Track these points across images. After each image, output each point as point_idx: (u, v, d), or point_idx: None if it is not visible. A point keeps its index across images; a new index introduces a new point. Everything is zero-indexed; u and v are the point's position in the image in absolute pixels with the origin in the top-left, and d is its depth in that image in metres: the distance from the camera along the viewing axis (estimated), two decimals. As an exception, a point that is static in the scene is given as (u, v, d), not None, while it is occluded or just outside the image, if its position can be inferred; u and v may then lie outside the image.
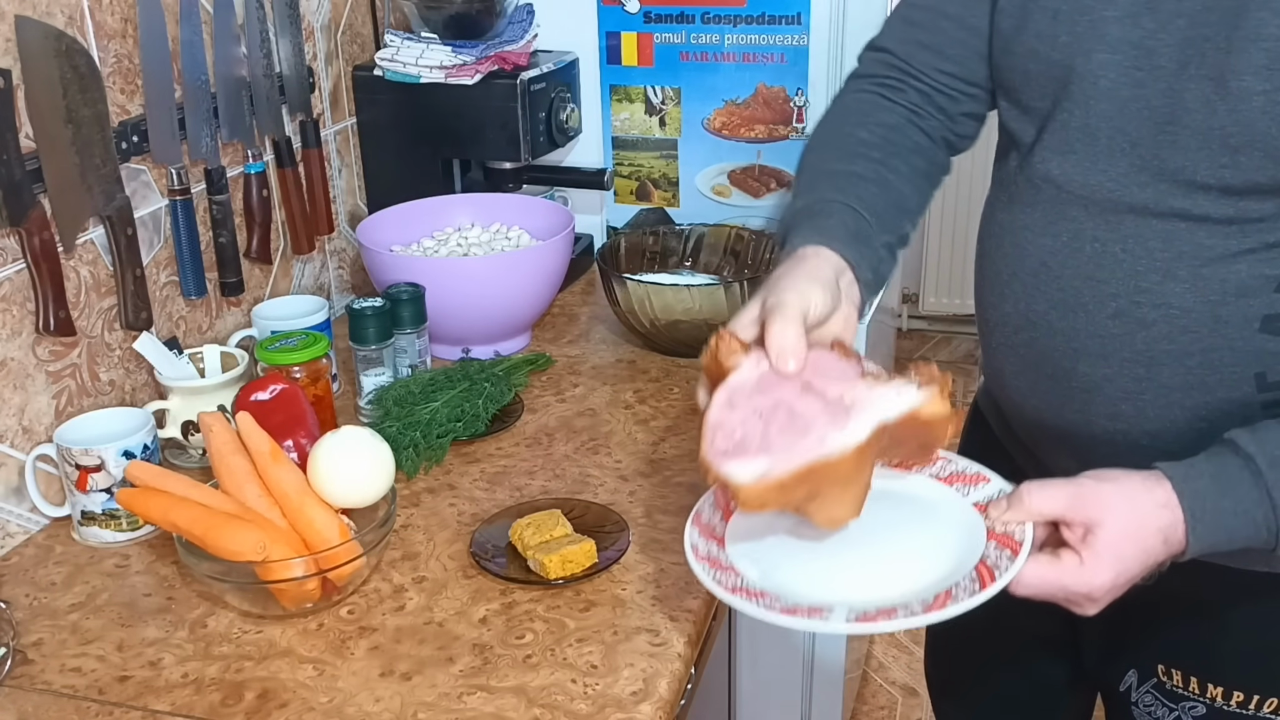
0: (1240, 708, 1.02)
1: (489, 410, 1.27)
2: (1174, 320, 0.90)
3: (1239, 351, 0.89)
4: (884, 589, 0.83)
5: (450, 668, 0.92)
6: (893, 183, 1.01)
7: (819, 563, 0.87)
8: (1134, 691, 1.10)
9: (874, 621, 0.79)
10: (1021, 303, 0.98)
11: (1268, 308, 0.87)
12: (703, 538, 0.88)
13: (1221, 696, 1.03)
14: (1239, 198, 0.85)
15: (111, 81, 1.20)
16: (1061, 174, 0.94)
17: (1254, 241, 0.86)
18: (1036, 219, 0.96)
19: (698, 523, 0.90)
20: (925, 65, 1.06)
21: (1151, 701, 1.09)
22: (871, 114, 1.06)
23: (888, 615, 0.79)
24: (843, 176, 1.00)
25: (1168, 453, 0.90)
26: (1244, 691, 1.02)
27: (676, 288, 1.38)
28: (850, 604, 0.81)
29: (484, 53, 1.56)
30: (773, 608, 0.80)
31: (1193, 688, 1.04)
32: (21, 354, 1.11)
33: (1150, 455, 0.91)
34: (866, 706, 2.31)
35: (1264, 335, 0.88)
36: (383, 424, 1.21)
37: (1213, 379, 0.90)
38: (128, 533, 1.11)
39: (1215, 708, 1.03)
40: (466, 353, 1.43)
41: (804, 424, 0.81)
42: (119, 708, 0.89)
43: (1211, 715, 1.04)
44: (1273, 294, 0.87)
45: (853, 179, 0.99)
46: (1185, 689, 1.05)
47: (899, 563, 0.86)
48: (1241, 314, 0.88)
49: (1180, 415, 0.92)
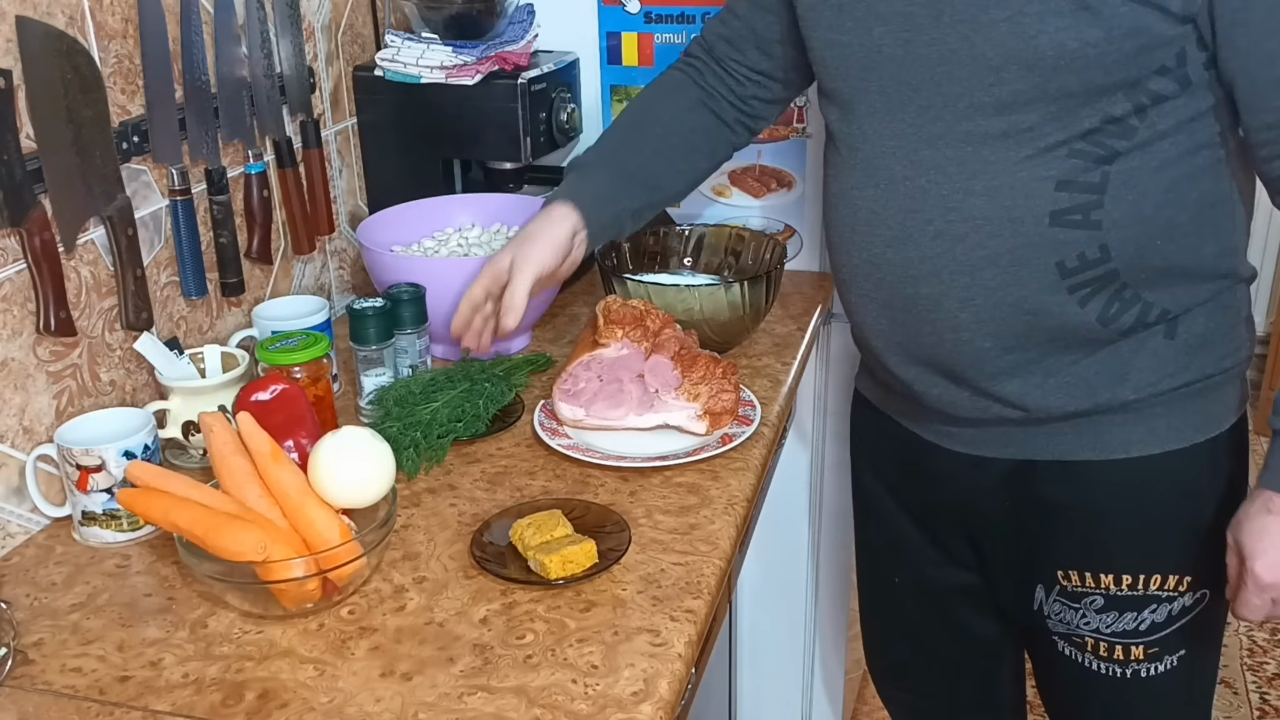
0: (1130, 589, 1.17)
1: (489, 410, 1.27)
2: (980, 229, 1.06)
3: (1037, 246, 1.04)
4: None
5: (451, 668, 0.92)
6: (659, 162, 1.32)
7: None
8: (1045, 605, 1.24)
9: None
10: (864, 251, 1.14)
11: (1052, 204, 1.03)
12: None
13: (1114, 583, 1.18)
14: (1009, 112, 1.02)
15: (112, 82, 1.20)
16: (872, 133, 1.11)
17: (1029, 149, 1.03)
18: (859, 178, 1.14)
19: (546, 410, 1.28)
20: (724, 54, 1.33)
21: (1060, 608, 1.22)
22: (672, 96, 1.35)
23: None
24: (619, 144, 1.33)
25: (1005, 348, 1.10)
26: (1132, 574, 1.17)
27: (677, 288, 1.38)
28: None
29: (484, 53, 1.56)
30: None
31: (1088, 583, 1.19)
32: (22, 354, 1.12)
33: (992, 354, 1.10)
34: (867, 707, 2.31)
35: (1054, 229, 1.04)
36: (383, 424, 1.21)
37: (1024, 273, 1.06)
38: (128, 533, 1.11)
39: (1111, 595, 1.18)
40: (468, 353, 1.43)
41: (620, 400, 1.24)
42: (119, 708, 0.89)
43: (1110, 603, 1.19)
44: (1054, 192, 1.03)
45: (625, 149, 1.32)
46: (1083, 585, 1.19)
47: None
48: (1032, 213, 1.04)
49: (1008, 312, 1.08)
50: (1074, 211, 1.03)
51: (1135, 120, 1.01)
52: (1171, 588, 1.17)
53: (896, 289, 1.13)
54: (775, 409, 1.32)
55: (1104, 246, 1.04)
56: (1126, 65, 0.98)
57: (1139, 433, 1.13)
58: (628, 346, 1.24)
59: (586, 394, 1.24)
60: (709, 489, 1.16)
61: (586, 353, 1.25)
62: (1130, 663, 1.20)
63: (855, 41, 1.10)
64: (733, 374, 1.25)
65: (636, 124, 1.35)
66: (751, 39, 1.30)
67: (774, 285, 1.44)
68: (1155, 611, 1.18)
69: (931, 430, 1.25)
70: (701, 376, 1.24)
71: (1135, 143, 1.02)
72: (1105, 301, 1.06)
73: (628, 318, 1.25)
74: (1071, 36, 0.97)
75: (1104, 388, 1.11)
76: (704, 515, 1.11)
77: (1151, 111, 1.01)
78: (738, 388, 1.26)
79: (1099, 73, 0.98)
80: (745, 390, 1.31)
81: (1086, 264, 1.05)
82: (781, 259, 1.47)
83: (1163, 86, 1.00)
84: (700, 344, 1.32)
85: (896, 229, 1.10)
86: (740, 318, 1.41)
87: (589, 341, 1.26)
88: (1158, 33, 0.97)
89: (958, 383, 1.15)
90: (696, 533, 1.09)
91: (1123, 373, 1.10)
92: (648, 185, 1.32)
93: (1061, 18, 0.97)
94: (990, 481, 1.22)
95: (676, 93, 1.35)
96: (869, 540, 1.46)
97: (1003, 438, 1.18)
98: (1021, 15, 0.98)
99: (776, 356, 1.46)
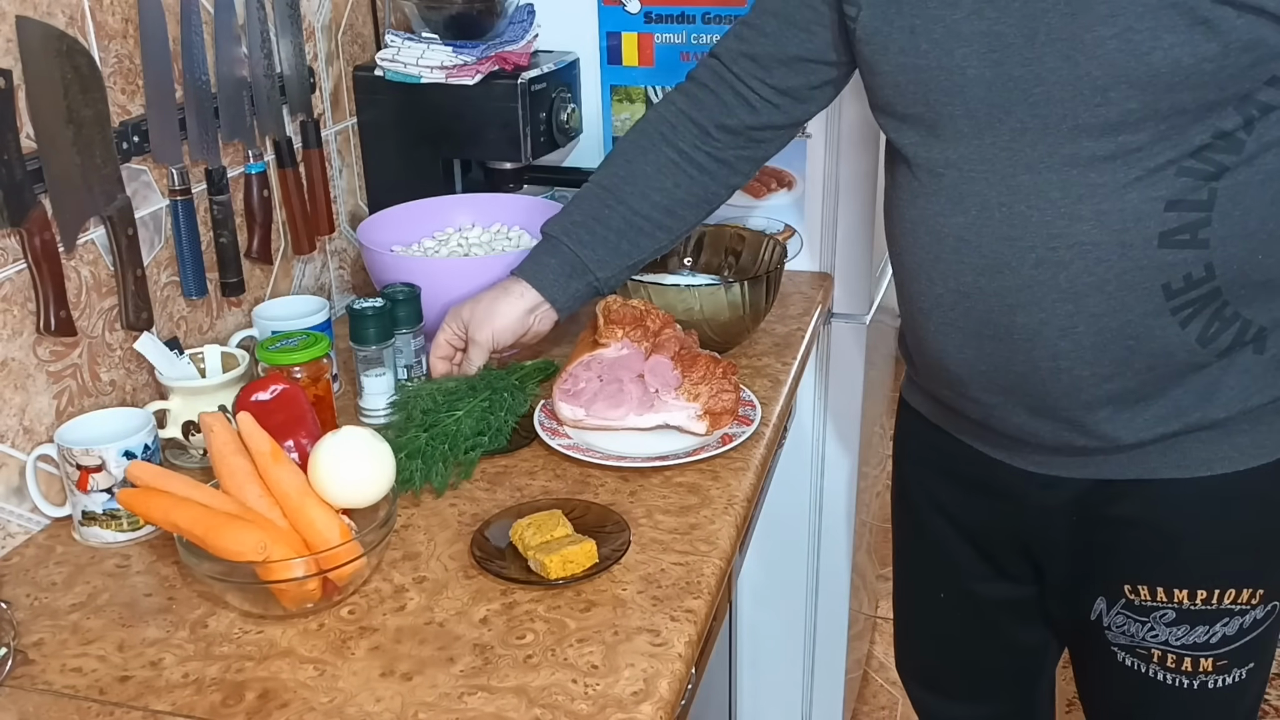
0: (1205, 604, 1.14)
1: (510, 423, 1.25)
2: (1088, 254, 1.01)
3: (1145, 269, 1.01)
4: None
5: (451, 668, 0.92)
6: (640, 232, 1.28)
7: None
8: (1105, 617, 1.20)
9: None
10: (951, 280, 1.09)
11: (1161, 225, 1.00)
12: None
13: (1187, 598, 1.15)
14: (1116, 133, 0.98)
15: (112, 82, 1.20)
16: (957, 157, 1.06)
17: (1138, 170, 0.99)
18: (943, 204, 1.08)
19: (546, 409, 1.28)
20: (746, 73, 1.25)
21: (1124, 621, 1.19)
22: (661, 143, 1.28)
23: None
24: (597, 206, 1.28)
25: (1103, 377, 1.06)
26: (1206, 589, 1.14)
27: (678, 288, 1.38)
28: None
29: (484, 53, 1.56)
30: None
31: (1160, 597, 1.16)
32: (22, 354, 1.12)
33: (1089, 384, 1.06)
34: (867, 706, 2.31)
35: (1163, 250, 1.00)
36: (407, 433, 1.19)
37: (1130, 298, 1.02)
38: (128, 533, 1.11)
39: (1184, 609, 1.15)
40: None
41: (620, 400, 1.24)
42: (120, 708, 0.89)
43: (1181, 616, 1.15)
44: (1164, 213, 0.99)
45: (600, 219, 1.28)
46: (1154, 600, 1.16)
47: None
48: (1141, 236, 1.00)
49: (1110, 339, 1.04)
50: (1182, 231, 1.00)
51: (1243, 134, 0.98)
52: (1245, 601, 1.14)
53: (989, 319, 1.07)
54: (775, 409, 1.32)
55: (1209, 265, 1.01)
56: (1240, 79, 0.95)
57: (1223, 450, 1.10)
58: (628, 346, 1.24)
59: (586, 394, 1.24)
60: (709, 489, 1.16)
61: (586, 353, 1.25)
62: (1199, 674, 1.17)
63: (934, 65, 1.04)
64: (733, 374, 1.25)
65: (613, 189, 1.29)
66: (780, 57, 1.22)
67: (774, 285, 1.44)
68: (1227, 625, 1.15)
69: (1002, 450, 1.20)
70: (702, 376, 1.24)
71: (1243, 157, 0.99)
72: (1205, 321, 1.03)
73: (628, 318, 1.25)
74: (1187, 53, 0.93)
75: (1193, 408, 1.08)
76: (704, 515, 1.11)
77: (1259, 124, 0.98)
78: (738, 388, 1.26)
79: (1213, 88, 0.95)
80: (745, 390, 1.31)
81: (1191, 284, 1.01)
82: (781, 259, 1.47)
83: (1271, 97, 0.97)
84: (700, 344, 1.32)
85: (991, 257, 1.05)
86: (740, 318, 1.41)
87: (589, 341, 1.26)
88: (1272, 44, 0.94)
89: (1044, 414, 1.11)
90: (696, 532, 1.09)
91: (1212, 392, 1.07)
92: (621, 255, 1.29)
93: (1176, 33, 0.93)
94: (1061, 500, 1.19)
95: (650, 153, 1.28)
96: (913, 553, 1.42)
97: (1081, 459, 1.14)
98: (1132, 32, 0.94)
99: (776, 356, 1.46)
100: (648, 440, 1.24)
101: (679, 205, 1.30)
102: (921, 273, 1.12)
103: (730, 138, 1.28)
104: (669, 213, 1.29)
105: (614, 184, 1.29)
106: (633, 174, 1.29)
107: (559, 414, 1.25)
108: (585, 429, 1.25)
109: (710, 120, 1.27)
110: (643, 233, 1.29)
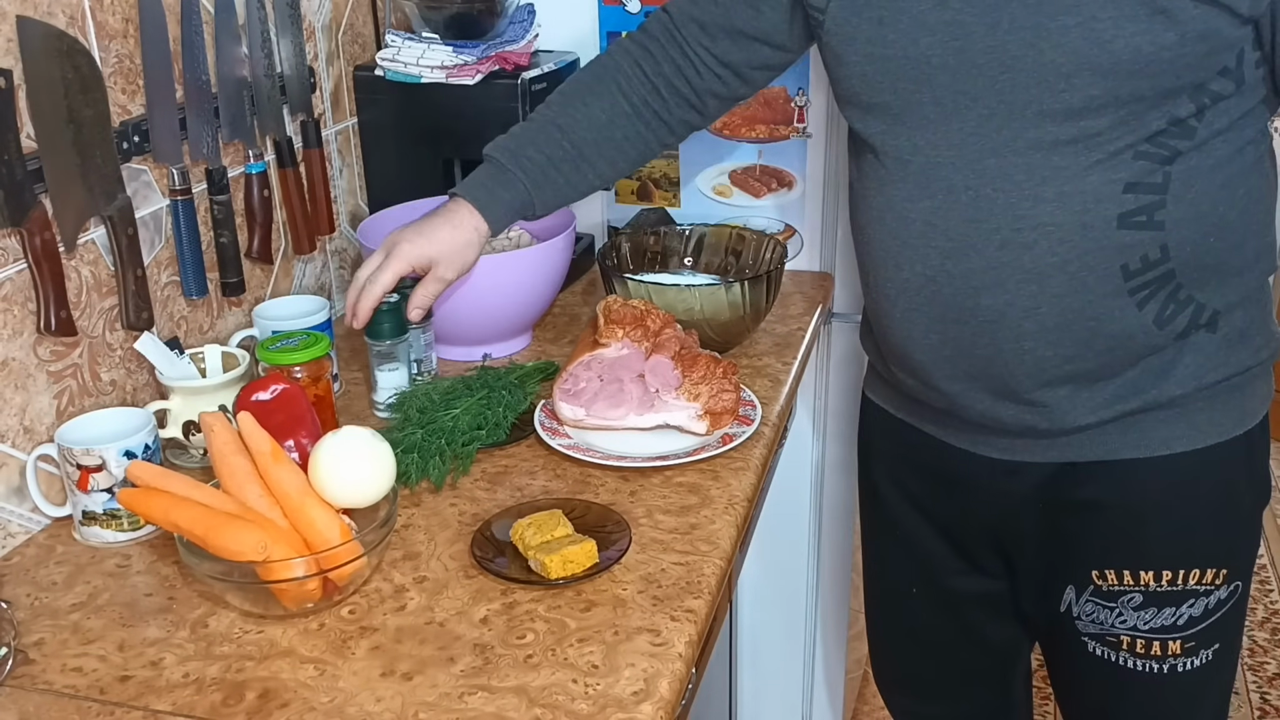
0: (1170, 585, 1.18)
1: (509, 418, 1.26)
2: (1051, 235, 1.04)
3: (1105, 249, 1.04)
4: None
5: (451, 668, 0.92)
6: (583, 178, 1.30)
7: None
8: (1074, 606, 1.23)
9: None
10: (918, 264, 1.11)
11: (1120, 206, 1.03)
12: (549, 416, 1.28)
13: (1153, 580, 1.18)
14: (1079, 118, 1.01)
15: (113, 81, 1.20)
16: (925, 143, 1.09)
17: (1099, 154, 1.02)
18: (911, 190, 1.10)
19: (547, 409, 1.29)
20: (692, 37, 1.27)
21: (1092, 609, 1.22)
22: (616, 91, 1.29)
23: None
24: (553, 149, 1.28)
25: (1065, 358, 1.09)
26: (1171, 570, 1.17)
27: (678, 288, 1.38)
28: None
29: (485, 53, 1.56)
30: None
31: (1126, 581, 1.19)
32: (23, 354, 1.12)
33: (1052, 364, 1.09)
34: (867, 706, 2.31)
35: (1121, 231, 1.04)
36: (404, 430, 1.20)
37: (1091, 279, 1.05)
38: (129, 533, 1.11)
39: (1150, 591, 1.18)
40: (486, 358, 1.42)
41: (620, 400, 1.25)
42: (120, 708, 0.89)
43: (1148, 599, 1.19)
44: (1122, 195, 1.03)
45: (555, 163, 1.28)
46: (1120, 584, 1.19)
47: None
48: (1101, 217, 1.03)
49: (1072, 319, 1.07)
50: (1139, 213, 1.03)
51: (1195, 121, 1.02)
52: (1209, 581, 1.17)
53: (954, 302, 1.10)
54: (775, 409, 1.32)
55: (1164, 247, 1.04)
56: (1195, 68, 0.99)
57: (1180, 428, 1.13)
58: (628, 346, 1.24)
59: (587, 394, 1.25)
60: (709, 489, 1.16)
61: (587, 353, 1.25)
62: (1168, 658, 1.20)
63: (900, 55, 1.07)
64: (733, 374, 1.25)
65: (569, 131, 1.29)
66: (726, 28, 1.24)
67: (774, 285, 1.44)
68: (1193, 606, 1.18)
69: (966, 438, 1.23)
70: (702, 376, 1.24)
71: (1195, 142, 1.03)
72: (1161, 303, 1.07)
73: (628, 318, 1.25)
74: (1147, 41, 0.97)
75: (1150, 385, 1.11)
76: (704, 515, 1.11)
77: (1209, 112, 1.02)
78: (738, 387, 1.26)
79: (1170, 76, 0.99)
80: (745, 390, 1.31)
81: (1148, 265, 1.05)
82: (782, 259, 1.47)
83: (1222, 86, 1.02)
84: (700, 344, 1.33)
85: (957, 240, 1.08)
86: (740, 318, 1.41)
87: (589, 341, 1.26)
88: (1225, 35, 0.98)
89: (1006, 396, 1.13)
90: (697, 532, 1.09)
91: (1169, 370, 1.10)
92: (561, 198, 1.31)
93: (1136, 22, 0.97)
94: (1027, 486, 1.21)
95: (624, 90, 1.30)
96: (881, 551, 1.43)
97: (1044, 442, 1.17)
98: (1094, 21, 0.97)
99: (777, 356, 1.46)
100: (648, 440, 1.24)
101: (621, 157, 1.32)
102: (889, 259, 1.14)
103: (677, 99, 1.30)
104: (611, 164, 1.32)
105: (570, 125, 1.29)
106: (590, 119, 1.29)
107: (559, 414, 1.25)
108: (585, 429, 1.26)
109: (661, 79, 1.29)
110: (584, 179, 1.31)
